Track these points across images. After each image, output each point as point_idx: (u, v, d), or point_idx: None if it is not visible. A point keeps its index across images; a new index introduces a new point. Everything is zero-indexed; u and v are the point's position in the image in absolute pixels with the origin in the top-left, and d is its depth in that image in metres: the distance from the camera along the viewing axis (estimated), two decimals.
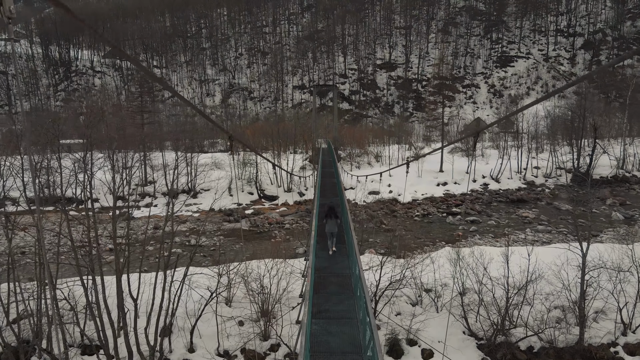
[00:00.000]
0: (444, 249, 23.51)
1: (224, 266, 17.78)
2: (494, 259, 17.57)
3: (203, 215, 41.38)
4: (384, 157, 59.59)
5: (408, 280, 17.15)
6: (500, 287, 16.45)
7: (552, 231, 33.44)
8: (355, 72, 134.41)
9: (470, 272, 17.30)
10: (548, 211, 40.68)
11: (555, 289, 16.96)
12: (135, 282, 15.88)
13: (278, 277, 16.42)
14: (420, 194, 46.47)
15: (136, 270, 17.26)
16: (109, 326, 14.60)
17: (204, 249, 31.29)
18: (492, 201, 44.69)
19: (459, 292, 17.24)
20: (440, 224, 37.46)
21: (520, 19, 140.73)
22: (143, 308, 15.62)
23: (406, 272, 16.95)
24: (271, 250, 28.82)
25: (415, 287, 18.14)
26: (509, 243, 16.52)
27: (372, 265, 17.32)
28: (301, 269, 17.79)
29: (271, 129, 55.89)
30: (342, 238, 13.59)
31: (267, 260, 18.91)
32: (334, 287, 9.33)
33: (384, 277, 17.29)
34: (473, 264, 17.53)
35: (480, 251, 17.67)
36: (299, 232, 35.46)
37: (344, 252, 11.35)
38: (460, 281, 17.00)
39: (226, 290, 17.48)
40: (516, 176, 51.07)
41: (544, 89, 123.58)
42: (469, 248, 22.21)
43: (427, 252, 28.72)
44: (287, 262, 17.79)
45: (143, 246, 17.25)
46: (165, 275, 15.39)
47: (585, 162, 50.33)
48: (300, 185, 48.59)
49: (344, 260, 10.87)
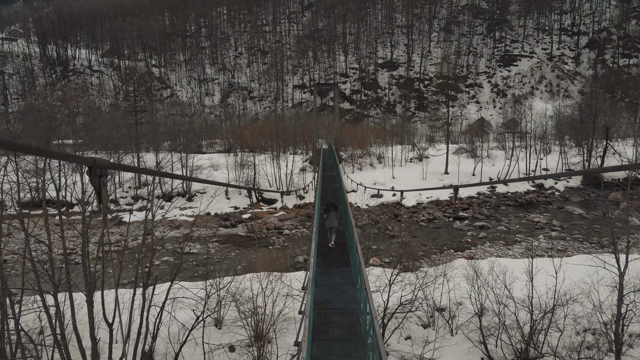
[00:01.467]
0: (457, 261, 21.59)
1: (215, 281, 15.88)
2: (516, 275, 15.66)
3: (198, 219, 39.49)
4: (386, 158, 57.66)
5: (420, 300, 15.26)
6: (525, 308, 14.58)
7: (567, 238, 31.52)
8: (357, 72, 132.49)
9: (489, 289, 15.40)
10: (560, 215, 38.78)
11: (586, 309, 15.06)
12: (112, 303, 13.99)
13: (273, 297, 14.55)
14: (425, 197, 44.56)
15: (113, 287, 15.34)
16: (80, 356, 12.73)
17: (197, 257, 29.44)
18: (500, 205, 42.79)
19: (476, 312, 15.36)
20: (448, 229, 35.57)
21: (524, 18, 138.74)
22: (121, 333, 13.74)
23: (418, 292, 15.06)
24: (268, 260, 26.99)
25: (427, 306, 16.25)
26: (532, 256, 14.61)
27: (380, 285, 15.42)
28: (298, 288, 15.93)
29: (270, 129, 53.98)
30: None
31: (263, 274, 17.04)
32: (337, 331, 7.44)
33: (392, 296, 15.42)
34: (492, 281, 15.65)
35: (501, 267, 15.75)
36: (298, 238, 33.61)
37: (349, 280, 9.48)
38: (478, 302, 15.10)
39: (216, 311, 15.59)
40: None
41: (548, 88, 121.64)
42: (485, 260, 20.30)
43: (437, 262, 26.87)
44: (284, 281, 15.91)
45: (120, 261, 15.32)
46: (144, 294, 13.52)
47: (597, 163, 48.44)
48: (299, 188, 46.68)
49: (350, 289, 9.01)
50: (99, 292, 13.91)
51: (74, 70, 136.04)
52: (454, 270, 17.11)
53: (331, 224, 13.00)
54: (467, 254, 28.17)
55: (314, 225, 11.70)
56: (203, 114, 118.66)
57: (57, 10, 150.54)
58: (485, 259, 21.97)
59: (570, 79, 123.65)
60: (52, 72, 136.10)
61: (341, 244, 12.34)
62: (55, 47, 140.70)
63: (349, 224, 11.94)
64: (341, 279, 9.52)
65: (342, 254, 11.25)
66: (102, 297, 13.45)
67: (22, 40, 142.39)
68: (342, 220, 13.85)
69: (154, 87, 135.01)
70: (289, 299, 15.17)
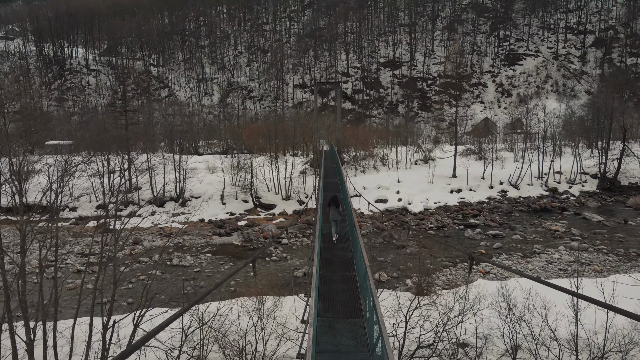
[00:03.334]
0: (479, 282, 18.99)
1: (197, 313, 13.33)
2: (556, 307, 13.12)
3: (191, 227, 37.00)
4: (390, 160, 55.11)
5: (444, 341, 12.71)
6: (567, 349, 12.06)
7: (590, 249, 28.96)
8: (358, 71, 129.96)
9: (523, 324, 12.88)
10: (578, 223, 36.21)
11: None
12: (66, 346, 11.47)
13: (265, 336, 12.05)
14: (432, 202, 42.03)
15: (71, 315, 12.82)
16: None
17: (186, 270, 26.94)
18: (513, 211, 40.20)
19: (507, 351, 12.85)
20: (459, 238, 33.01)
21: (529, 16, 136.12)
22: None
23: (442, 333, 12.52)
24: (264, 275, 24.48)
25: (448, 341, 13.73)
26: (577, 286, 12.08)
27: (396, 322, 12.86)
28: (295, 326, 13.44)
29: (268, 130, 51.40)
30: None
31: (255, 303, 14.53)
32: None
33: (409, 331, 12.91)
34: (527, 312, 13.13)
35: (542, 299, 13.17)
36: (297, 248, 31.10)
37: (360, 339, 6.94)
38: (512, 341, 12.56)
39: (197, 348, 13.08)
40: (537, 182, 46.57)
41: (554, 88, 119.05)
42: (511, 280, 17.71)
43: (449, 275, 24.36)
44: (277, 320, 13.35)
45: (82, 284, 12.77)
46: (104, 336, 11.00)
47: (614, 165, 45.86)
48: (299, 192, 44.19)
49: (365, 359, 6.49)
50: (52, 323, 11.38)
51: (70, 69, 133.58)
52: (477, 286, 14.58)
53: (334, 217, 13.33)
54: (482, 269, 25.65)
55: (314, 258, 9.14)
56: (201, 114, 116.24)
57: (54, 8, 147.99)
58: (510, 278, 19.45)
59: (577, 79, 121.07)
60: (48, 71, 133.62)
61: (349, 290, 9.46)
62: (52, 45, 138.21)
63: (361, 262, 9.31)
64: (350, 339, 7.01)
65: (349, 299, 8.72)
66: (54, 326, 10.92)
67: (19, 39, 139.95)
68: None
69: (152, 87, 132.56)
70: (288, 329, 12.65)
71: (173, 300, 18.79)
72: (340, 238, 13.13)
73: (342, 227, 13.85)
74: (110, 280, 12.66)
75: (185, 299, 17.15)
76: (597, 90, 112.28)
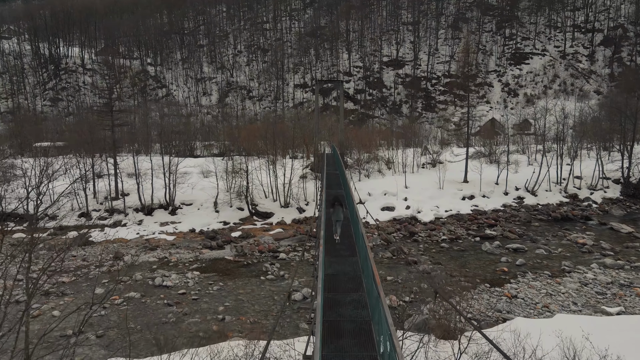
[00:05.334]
0: (516, 322, 15.65)
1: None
2: None
3: (179, 238, 33.73)
4: (396, 164, 51.76)
5: None
6: None
7: (626, 267, 25.63)
8: (361, 70, 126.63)
9: None
10: (605, 234, 32.90)
11: None
12: None
13: None
14: (443, 210, 38.72)
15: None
16: None
17: (170, 291, 23.68)
18: (532, 220, 36.89)
19: None
20: (475, 252, 29.68)
21: (535, 14, 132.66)
22: None
23: None
24: (256, 302, 21.21)
25: None
26: None
27: None
28: None
29: (266, 131, 48.08)
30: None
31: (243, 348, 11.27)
32: None
33: None
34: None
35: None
36: (297, 264, 27.79)
37: None
38: None
39: None
40: (555, 188, 43.21)
41: (562, 87, 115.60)
42: (553, 319, 14.39)
43: (472, 305, 21.01)
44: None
45: None
46: None
47: (637, 170, 42.54)
48: (299, 199, 40.89)
49: None
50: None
51: (66, 68, 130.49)
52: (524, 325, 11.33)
53: (337, 217, 13.37)
54: (507, 292, 22.34)
55: (318, 286, 6.19)
56: (199, 114, 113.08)
57: (50, 6, 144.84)
58: (553, 316, 16.12)
59: (585, 78, 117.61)
60: (43, 70, 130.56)
61: None
62: (48, 45, 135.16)
63: (382, 317, 6.20)
64: None
65: None
66: None
67: (14, 38, 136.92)
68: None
69: (149, 86, 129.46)
70: None
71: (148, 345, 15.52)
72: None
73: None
74: None
75: (157, 348, 13.87)
76: (607, 89, 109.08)
